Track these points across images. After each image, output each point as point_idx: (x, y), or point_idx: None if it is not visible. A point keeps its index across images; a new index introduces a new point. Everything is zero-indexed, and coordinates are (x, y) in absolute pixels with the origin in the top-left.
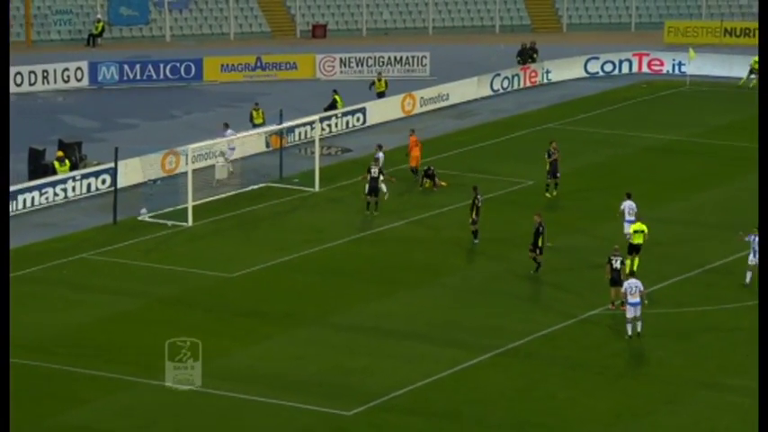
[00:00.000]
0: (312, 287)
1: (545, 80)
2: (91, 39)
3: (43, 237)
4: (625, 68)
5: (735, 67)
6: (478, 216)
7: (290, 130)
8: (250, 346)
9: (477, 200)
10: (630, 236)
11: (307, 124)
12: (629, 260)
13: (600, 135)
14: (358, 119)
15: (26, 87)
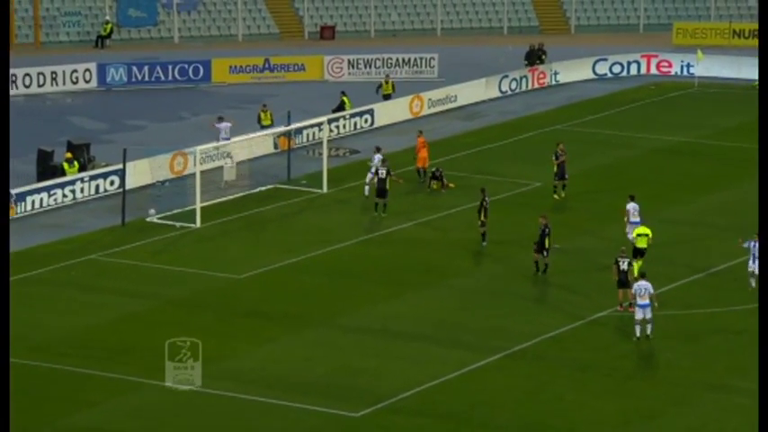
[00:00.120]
0: (320, 288)
1: (553, 82)
2: (99, 40)
3: (52, 238)
4: (633, 70)
5: (743, 69)
6: (486, 218)
7: (298, 132)
8: (258, 348)
9: (484, 201)
10: (634, 239)
11: (315, 126)
12: (636, 263)
13: (608, 136)
14: (366, 120)
15: (35, 89)
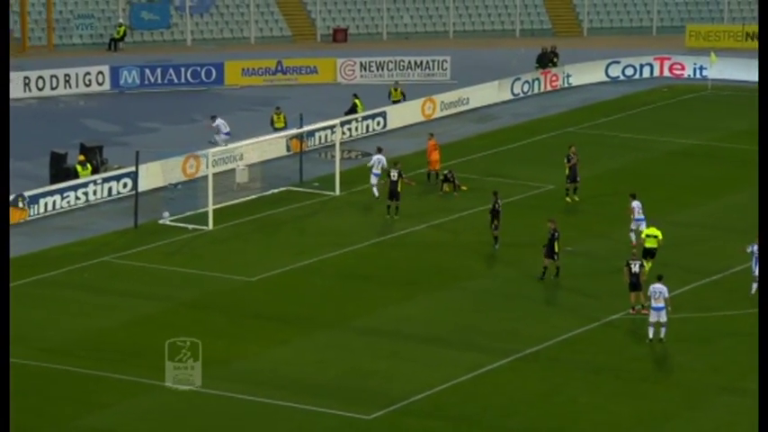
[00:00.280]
0: (332, 291)
1: (566, 84)
2: (112, 43)
3: (64, 240)
4: (646, 72)
5: (756, 72)
6: (499, 221)
7: (311, 134)
8: (270, 350)
9: (497, 204)
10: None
11: (327, 128)
12: (646, 263)
13: (621, 139)
14: (378, 123)
15: (48, 91)
